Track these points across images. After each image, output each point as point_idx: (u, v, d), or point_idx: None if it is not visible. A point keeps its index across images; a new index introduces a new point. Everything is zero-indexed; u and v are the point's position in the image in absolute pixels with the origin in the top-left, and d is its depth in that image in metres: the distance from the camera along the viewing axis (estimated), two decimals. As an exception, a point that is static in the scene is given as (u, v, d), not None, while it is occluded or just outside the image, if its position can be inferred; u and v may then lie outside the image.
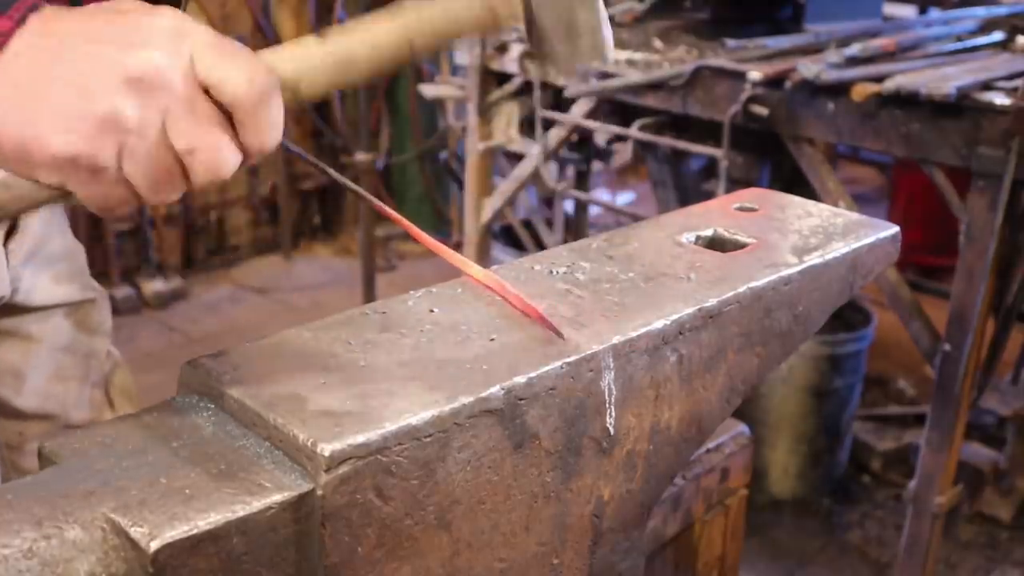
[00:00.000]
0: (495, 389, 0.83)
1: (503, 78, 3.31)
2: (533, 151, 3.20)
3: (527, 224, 4.13)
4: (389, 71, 0.81)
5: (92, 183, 0.74)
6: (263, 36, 5.07)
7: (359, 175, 4.33)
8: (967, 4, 3.38)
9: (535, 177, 3.27)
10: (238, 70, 0.74)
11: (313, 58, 0.79)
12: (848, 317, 3.36)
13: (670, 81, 2.75)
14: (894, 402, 3.88)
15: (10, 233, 1.27)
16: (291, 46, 0.80)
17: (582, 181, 3.83)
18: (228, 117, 0.75)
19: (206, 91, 0.74)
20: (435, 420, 0.79)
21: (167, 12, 0.76)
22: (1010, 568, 3.09)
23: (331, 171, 0.98)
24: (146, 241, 4.80)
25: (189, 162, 0.74)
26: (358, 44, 0.80)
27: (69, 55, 0.73)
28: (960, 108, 2.29)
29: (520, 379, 0.84)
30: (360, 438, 0.75)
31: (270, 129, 0.76)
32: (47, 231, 1.33)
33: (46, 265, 1.33)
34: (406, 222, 0.99)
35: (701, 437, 1.06)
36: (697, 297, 1.00)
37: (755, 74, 2.55)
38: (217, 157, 0.74)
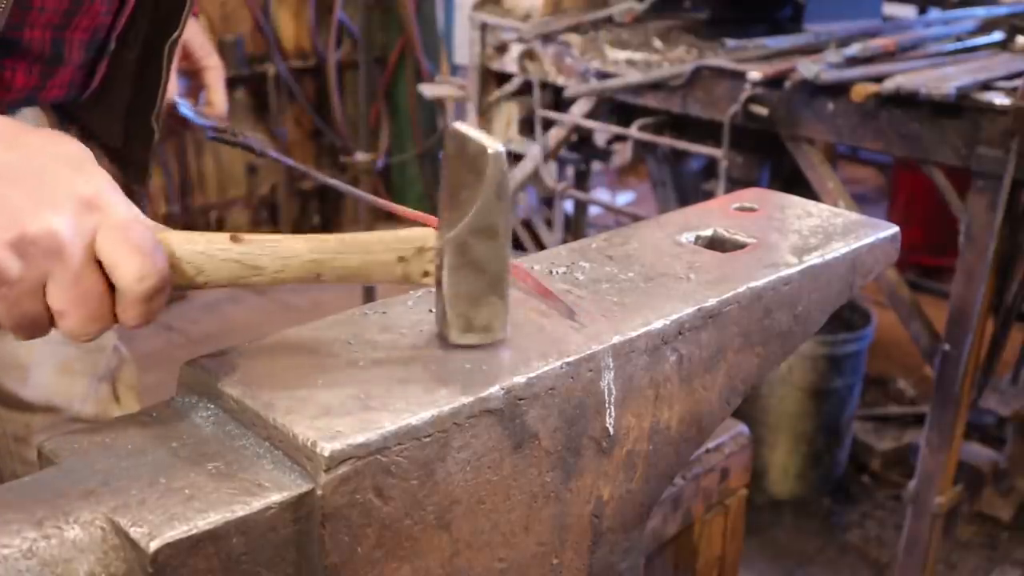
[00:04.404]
0: (495, 389, 0.83)
1: (503, 78, 3.31)
2: (533, 151, 3.20)
3: (527, 224, 4.13)
4: (291, 284, 0.85)
5: None
6: (263, 36, 5.07)
7: (359, 175, 4.33)
8: (967, 4, 3.38)
9: (535, 177, 3.27)
10: (134, 264, 0.75)
11: (220, 257, 0.82)
12: (848, 317, 3.36)
13: (670, 81, 2.74)
14: (894, 402, 3.88)
15: None
16: (206, 239, 0.82)
17: (582, 181, 3.82)
18: (113, 288, 0.77)
19: (100, 262, 0.76)
20: (435, 420, 0.79)
21: (94, 177, 0.77)
22: (1010, 568, 3.09)
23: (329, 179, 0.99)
24: (146, 241, 4.79)
25: (58, 319, 0.77)
26: (268, 258, 0.83)
27: None
28: (960, 108, 2.28)
29: (520, 379, 0.84)
30: (360, 438, 0.75)
31: (146, 317, 0.78)
32: None
33: None
34: (409, 210, 1.01)
35: (701, 437, 1.05)
36: (697, 297, 1.00)
37: (755, 74, 2.55)
38: (87, 325, 0.77)
